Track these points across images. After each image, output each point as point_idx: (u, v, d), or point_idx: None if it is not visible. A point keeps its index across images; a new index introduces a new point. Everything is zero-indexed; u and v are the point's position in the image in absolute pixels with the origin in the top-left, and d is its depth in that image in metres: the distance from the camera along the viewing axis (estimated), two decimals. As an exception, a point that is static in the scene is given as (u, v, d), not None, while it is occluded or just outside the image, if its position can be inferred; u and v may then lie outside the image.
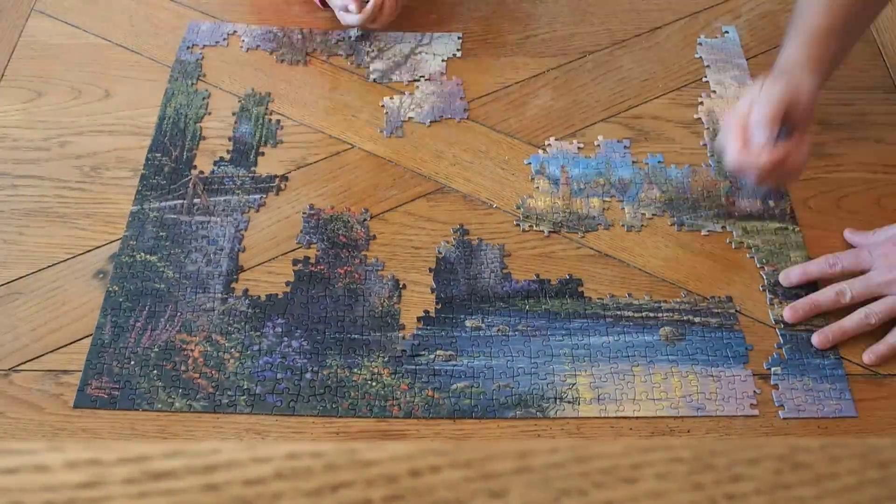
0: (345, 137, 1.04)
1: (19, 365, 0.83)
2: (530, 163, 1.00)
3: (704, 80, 1.10)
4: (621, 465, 0.28)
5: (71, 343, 0.85)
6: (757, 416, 0.80)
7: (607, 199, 0.97)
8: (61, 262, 0.91)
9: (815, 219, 0.95)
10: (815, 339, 0.85)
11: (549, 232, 0.94)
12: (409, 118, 1.05)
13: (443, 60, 1.11)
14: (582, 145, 1.02)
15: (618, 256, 0.92)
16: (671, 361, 0.84)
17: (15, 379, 0.82)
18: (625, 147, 1.02)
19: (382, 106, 1.07)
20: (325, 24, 1.16)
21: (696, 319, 0.87)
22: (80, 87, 1.09)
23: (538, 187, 0.98)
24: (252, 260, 0.92)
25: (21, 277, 0.90)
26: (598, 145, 1.02)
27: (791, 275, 0.89)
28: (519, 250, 0.93)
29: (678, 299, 0.88)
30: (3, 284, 0.89)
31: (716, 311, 0.87)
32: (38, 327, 0.86)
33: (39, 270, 0.91)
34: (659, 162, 1.00)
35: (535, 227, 0.94)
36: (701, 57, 1.12)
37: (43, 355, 0.84)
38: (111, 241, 0.93)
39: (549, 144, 1.02)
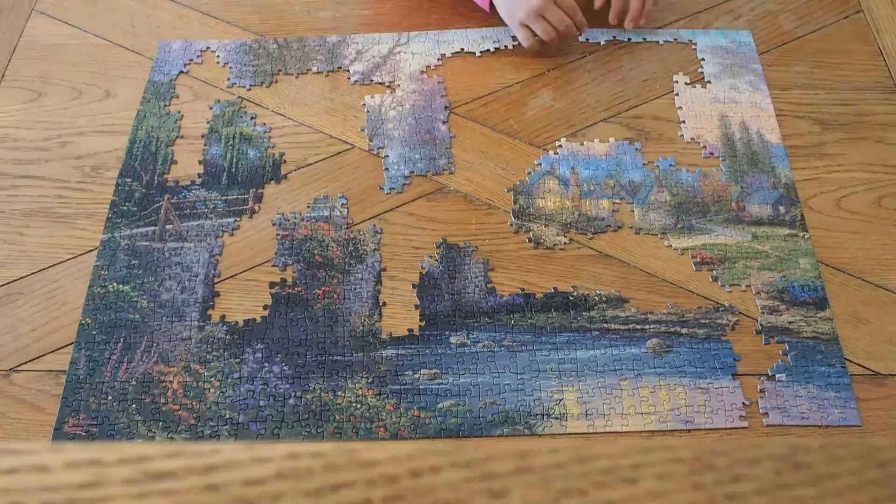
0: (345, 137, 1.04)
1: (19, 365, 0.83)
2: (540, 163, 1.00)
3: (707, 80, 1.09)
4: (621, 465, 0.28)
5: (71, 343, 0.85)
6: (746, 427, 0.79)
7: (617, 200, 0.96)
8: (61, 262, 0.91)
9: (816, 218, 0.95)
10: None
11: (559, 233, 0.93)
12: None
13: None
14: (592, 146, 1.01)
15: (618, 256, 0.92)
16: (659, 374, 0.82)
17: (15, 379, 0.82)
18: (636, 149, 1.01)
19: (363, 104, 1.07)
20: (326, 25, 1.16)
21: (683, 330, 0.85)
22: (81, 87, 1.09)
23: (548, 188, 0.97)
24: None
25: (21, 277, 0.90)
26: (609, 147, 1.01)
27: None
28: (519, 250, 0.93)
29: (664, 310, 0.87)
30: (3, 284, 0.89)
31: (703, 321, 0.86)
32: (39, 327, 0.86)
33: (40, 270, 0.91)
34: (670, 165, 1.00)
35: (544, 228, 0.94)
36: (703, 59, 1.12)
37: (43, 355, 0.84)
38: (111, 242, 0.93)
39: (560, 146, 1.02)
